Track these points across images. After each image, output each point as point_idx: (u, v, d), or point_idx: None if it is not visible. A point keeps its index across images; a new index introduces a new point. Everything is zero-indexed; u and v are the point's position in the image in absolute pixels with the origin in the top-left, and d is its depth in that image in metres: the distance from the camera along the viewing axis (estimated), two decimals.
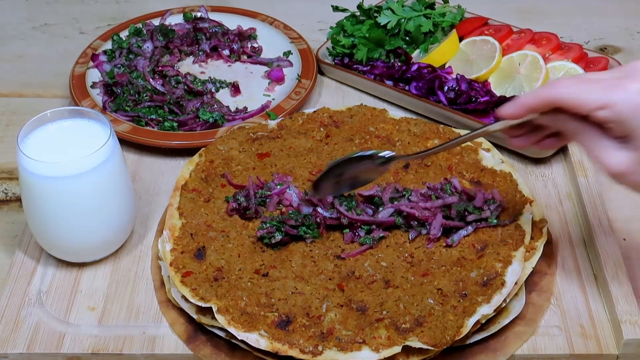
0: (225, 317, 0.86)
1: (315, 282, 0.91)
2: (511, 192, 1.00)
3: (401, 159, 0.94)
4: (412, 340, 0.83)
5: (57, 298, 0.95)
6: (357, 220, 0.96)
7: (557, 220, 1.04)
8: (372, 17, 1.33)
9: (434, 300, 0.88)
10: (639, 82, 0.74)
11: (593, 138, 0.77)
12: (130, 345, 0.89)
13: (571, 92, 0.75)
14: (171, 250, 0.95)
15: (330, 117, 1.14)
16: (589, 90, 0.75)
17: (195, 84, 1.26)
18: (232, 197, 1.00)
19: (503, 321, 0.88)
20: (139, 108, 1.20)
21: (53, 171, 0.89)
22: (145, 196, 1.09)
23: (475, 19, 1.34)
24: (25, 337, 0.90)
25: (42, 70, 1.37)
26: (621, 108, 0.73)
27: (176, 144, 1.14)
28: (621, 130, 0.75)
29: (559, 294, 0.94)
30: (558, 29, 1.31)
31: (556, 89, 0.76)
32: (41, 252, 1.00)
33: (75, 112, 0.95)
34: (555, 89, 0.76)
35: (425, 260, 0.94)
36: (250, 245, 0.96)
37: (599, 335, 0.90)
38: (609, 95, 0.74)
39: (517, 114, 0.80)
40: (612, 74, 0.77)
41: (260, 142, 1.10)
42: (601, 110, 0.74)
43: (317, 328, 0.86)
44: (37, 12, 1.54)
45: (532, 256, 0.93)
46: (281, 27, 1.39)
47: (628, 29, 1.46)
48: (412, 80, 1.23)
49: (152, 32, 1.34)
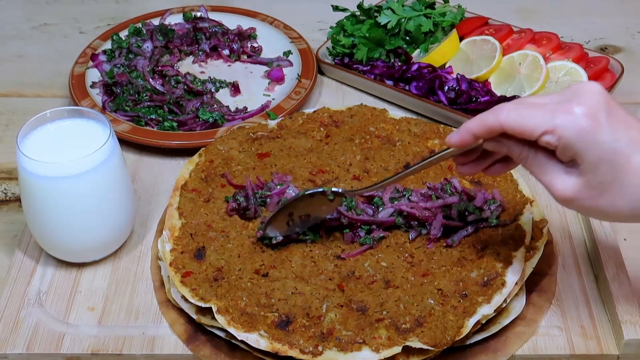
0: (225, 317, 0.86)
1: (315, 282, 0.91)
2: (512, 192, 1.00)
3: (350, 193, 0.92)
4: (412, 341, 0.83)
5: (56, 298, 0.94)
6: (357, 220, 0.96)
7: (558, 220, 1.03)
8: (372, 16, 1.33)
9: (434, 300, 0.88)
10: (582, 105, 0.72)
11: (540, 163, 0.75)
12: (130, 345, 0.89)
13: (515, 118, 0.73)
14: (171, 250, 0.94)
15: (331, 117, 1.13)
16: (532, 115, 0.73)
17: (195, 84, 1.26)
18: (232, 198, 1.00)
19: (503, 321, 0.88)
20: (139, 108, 1.20)
21: (52, 171, 0.88)
22: (145, 196, 1.08)
23: (476, 19, 1.34)
24: (24, 338, 0.90)
25: (42, 70, 1.37)
26: (565, 132, 0.71)
27: (176, 144, 1.14)
28: (567, 155, 0.73)
29: (560, 294, 0.94)
30: (558, 29, 1.31)
31: (500, 115, 0.74)
32: (41, 252, 0.99)
33: (75, 112, 0.95)
34: (499, 115, 0.74)
35: (426, 260, 0.94)
36: (250, 245, 0.96)
37: (599, 336, 0.89)
38: (553, 120, 0.72)
39: (463, 142, 0.78)
40: (556, 97, 0.74)
41: (260, 142, 1.10)
42: (546, 136, 0.72)
43: (317, 328, 0.86)
44: (37, 11, 1.54)
45: (533, 256, 0.92)
46: (281, 27, 1.39)
47: (628, 29, 1.46)
48: (412, 80, 1.23)
49: (151, 32, 1.34)
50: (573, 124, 0.71)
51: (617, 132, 0.71)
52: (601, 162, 0.71)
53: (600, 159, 0.71)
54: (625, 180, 0.71)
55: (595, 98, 0.72)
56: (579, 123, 0.71)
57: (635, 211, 0.73)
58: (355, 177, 1.04)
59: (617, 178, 0.72)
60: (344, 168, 1.06)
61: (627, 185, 0.71)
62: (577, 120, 0.71)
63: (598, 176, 0.72)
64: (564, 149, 0.73)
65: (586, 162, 0.72)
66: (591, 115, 0.71)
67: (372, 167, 1.06)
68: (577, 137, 0.71)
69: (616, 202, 0.73)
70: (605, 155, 0.71)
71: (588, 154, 0.72)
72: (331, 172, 1.05)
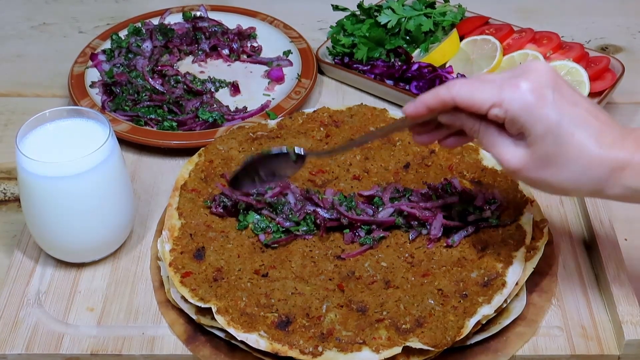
0: (224, 317, 0.86)
1: (315, 282, 0.91)
2: (512, 192, 1.00)
3: (313, 155, 0.95)
4: (412, 341, 0.83)
5: (55, 298, 0.94)
6: (357, 220, 0.96)
7: (558, 221, 1.03)
8: (373, 16, 1.33)
9: (434, 300, 0.88)
10: (529, 81, 0.76)
11: (491, 136, 0.79)
12: (129, 345, 0.89)
13: (465, 92, 0.78)
14: (170, 250, 0.94)
15: (330, 116, 1.13)
16: (482, 89, 0.77)
17: (195, 84, 1.25)
18: (212, 202, 0.99)
19: (504, 322, 0.88)
20: (138, 108, 1.20)
21: (52, 171, 0.88)
22: (144, 196, 1.08)
23: (476, 18, 1.34)
24: (24, 338, 0.90)
25: (41, 70, 1.37)
26: (511, 106, 0.75)
27: (175, 143, 1.14)
28: (515, 128, 0.77)
29: (560, 294, 0.94)
30: (559, 29, 1.31)
31: (452, 89, 0.79)
32: (40, 252, 0.99)
33: (74, 112, 0.95)
34: (451, 89, 0.79)
35: (426, 260, 0.93)
36: (250, 245, 0.96)
37: (600, 336, 0.89)
38: (501, 94, 0.76)
39: (418, 113, 0.82)
40: (507, 74, 0.78)
41: (260, 142, 1.10)
42: (494, 109, 0.76)
43: (317, 329, 0.85)
44: (36, 11, 1.54)
45: (533, 256, 0.92)
46: (281, 27, 1.38)
47: (629, 28, 1.46)
48: (412, 80, 1.23)
49: (151, 32, 1.34)
50: (519, 98, 0.75)
51: (562, 108, 0.75)
52: (546, 136, 0.75)
53: (545, 132, 0.75)
54: (568, 154, 0.75)
55: (543, 75, 0.76)
56: (524, 97, 0.75)
57: (577, 183, 0.77)
58: (355, 177, 1.04)
59: (561, 151, 0.75)
60: (344, 168, 1.06)
61: (569, 159, 0.75)
62: (522, 94, 0.75)
63: (543, 148, 0.76)
64: (511, 122, 0.76)
65: (532, 135, 0.76)
66: (537, 90, 0.75)
67: (372, 167, 1.05)
68: (523, 111, 0.75)
69: (560, 174, 0.76)
70: (550, 130, 0.75)
71: (534, 127, 0.75)
72: (331, 172, 1.05)
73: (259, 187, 0.97)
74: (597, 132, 0.75)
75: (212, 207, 0.99)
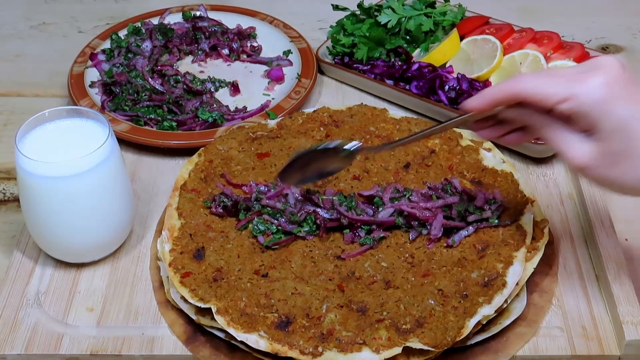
0: (224, 317, 0.85)
1: (315, 282, 0.91)
2: (512, 192, 1.00)
3: (367, 151, 0.94)
4: (412, 341, 0.83)
5: (55, 299, 0.94)
6: (357, 220, 0.95)
7: (559, 221, 1.03)
8: (373, 16, 1.33)
9: (434, 301, 0.88)
10: (600, 76, 0.74)
11: (557, 131, 0.77)
12: (129, 346, 0.89)
13: (534, 86, 0.76)
14: (170, 250, 0.94)
15: (331, 116, 1.13)
16: (551, 83, 0.76)
17: (195, 84, 1.25)
18: (212, 202, 0.99)
19: (504, 322, 0.88)
20: (138, 107, 1.19)
21: (51, 171, 0.88)
22: (144, 196, 1.08)
23: (476, 18, 1.33)
24: (23, 338, 0.90)
25: (40, 70, 1.37)
26: (582, 101, 0.74)
27: (175, 143, 1.14)
28: (584, 124, 0.75)
29: (561, 294, 0.94)
30: (559, 28, 1.31)
31: (520, 83, 0.77)
32: (39, 252, 0.99)
33: (74, 112, 0.95)
34: (519, 83, 0.77)
35: (426, 260, 0.93)
36: (250, 245, 0.96)
37: (600, 336, 0.89)
38: (571, 89, 0.75)
39: (482, 107, 0.81)
40: (576, 69, 0.77)
41: (259, 142, 1.10)
42: (563, 103, 0.75)
43: (317, 329, 0.85)
44: (35, 11, 1.53)
45: (534, 257, 0.92)
46: (281, 26, 1.38)
47: (630, 28, 1.46)
48: (412, 80, 1.23)
49: (151, 31, 1.34)
50: (589, 93, 0.74)
51: (634, 105, 0.73)
52: (615, 133, 0.73)
53: (615, 129, 0.73)
54: (638, 152, 0.73)
55: (614, 71, 0.75)
56: (595, 92, 0.74)
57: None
58: (356, 177, 1.04)
59: (630, 149, 0.73)
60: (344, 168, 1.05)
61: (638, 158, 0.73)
62: (593, 89, 0.74)
63: (612, 145, 0.74)
64: (580, 118, 0.75)
65: (601, 131, 0.74)
66: (607, 85, 0.74)
67: (372, 166, 1.05)
68: (593, 106, 0.73)
69: (627, 173, 0.74)
70: (620, 126, 0.73)
71: (603, 124, 0.74)
72: None
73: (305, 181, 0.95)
74: None
75: (212, 207, 0.99)
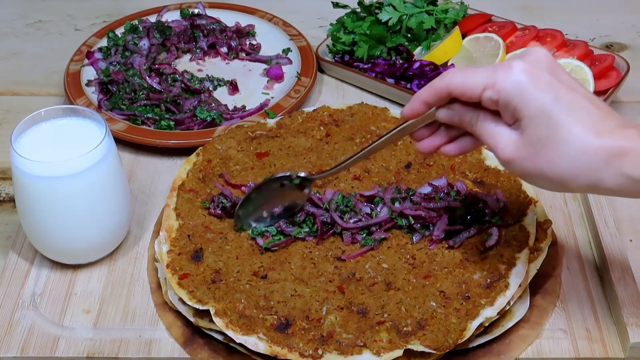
0: (223, 320, 0.85)
1: (315, 284, 0.90)
2: (515, 192, 0.99)
3: (315, 178, 0.94)
4: (414, 344, 0.82)
5: (51, 300, 0.94)
6: (348, 228, 0.95)
7: (562, 221, 1.03)
8: (373, 13, 1.33)
9: (436, 302, 0.87)
10: (522, 62, 0.74)
11: (487, 126, 0.77)
12: (126, 348, 0.88)
13: (459, 78, 0.76)
14: (168, 251, 0.94)
15: (331, 115, 1.13)
16: (475, 73, 0.76)
17: (193, 82, 1.25)
18: (211, 203, 0.99)
19: (507, 324, 0.87)
20: (135, 106, 1.19)
21: (47, 171, 0.88)
22: (141, 196, 1.08)
23: (479, 16, 1.33)
24: (19, 341, 0.89)
25: (36, 68, 1.36)
26: (503, 86, 0.73)
27: (173, 143, 1.13)
28: (510, 114, 0.74)
29: (564, 296, 0.93)
30: (563, 26, 1.31)
31: (446, 78, 0.77)
32: (35, 253, 0.98)
33: (70, 111, 0.94)
34: (446, 77, 0.77)
35: (428, 262, 0.93)
36: (249, 246, 0.95)
37: (604, 339, 0.89)
38: (493, 76, 0.74)
39: (417, 110, 0.81)
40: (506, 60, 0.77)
41: (258, 141, 1.09)
42: (486, 91, 0.74)
43: (317, 331, 0.85)
44: (31, 8, 1.53)
45: (537, 258, 0.92)
46: (280, 24, 1.38)
47: (634, 26, 1.46)
48: (414, 78, 1.23)
49: (148, 29, 1.34)
50: (511, 77, 0.73)
51: (557, 91, 0.73)
52: (538, 117, 0.72)
53: (535, 115, 0.72)
54: (561, 137, 0.72)
55: (540, 58, 0.75)
56: (517, 76, 0.73)
57: (573, 172, 0.72)
58: (356, 177, 1.03)
59: (555, 135, 0.72)
60: None
61: (562, 142, 0.72)
62: (515, 74, 0.73)
63: (536, 131, 0.73)
64: (505, 105, 0.74)
65: (525, 116, 0.73)
66: (530, 71, 0.73)
67: (373, 166, 1.05)
68: (515, 90, 0.73)
69: (554, 161, 0.73)
70: (543, 111, 0.72)
71: (526, 108, 0.73)
72: None
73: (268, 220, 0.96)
74: (595, 118, 0.72)
75: (211, 209, 0.98)
